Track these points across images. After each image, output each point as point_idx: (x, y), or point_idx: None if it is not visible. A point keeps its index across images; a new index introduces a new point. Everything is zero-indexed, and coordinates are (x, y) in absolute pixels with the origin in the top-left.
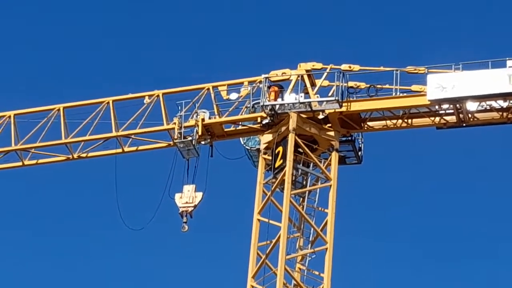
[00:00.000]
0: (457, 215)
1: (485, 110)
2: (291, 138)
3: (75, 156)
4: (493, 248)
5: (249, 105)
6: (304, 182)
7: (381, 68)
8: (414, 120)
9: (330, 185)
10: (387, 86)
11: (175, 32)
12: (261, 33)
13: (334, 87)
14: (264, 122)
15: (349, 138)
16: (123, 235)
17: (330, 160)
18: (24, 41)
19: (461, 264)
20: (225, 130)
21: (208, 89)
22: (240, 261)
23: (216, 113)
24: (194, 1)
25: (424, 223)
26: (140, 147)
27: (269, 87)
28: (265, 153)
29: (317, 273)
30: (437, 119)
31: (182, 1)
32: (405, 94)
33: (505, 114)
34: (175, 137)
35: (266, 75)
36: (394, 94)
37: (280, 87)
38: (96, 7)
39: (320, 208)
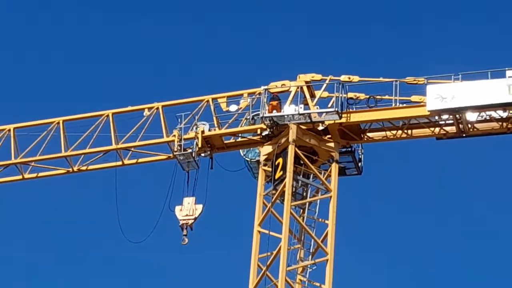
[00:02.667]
0: (458, 225)
1: (485, 121)
2: (291, 150)
3: (75, 169)
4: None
5: (248, 117)
6: (304, 194)
7: (381, 79)
8: (414, 130)
9: (330, 196)
10: (386, 97)
11: (174, 44)
12: (261, 45)
13: (334, 98)
14: (264, 133)
15: (349, 149)
16: (123, 248)
17: (330, 171)
18: (24, 54)
19: (462, 272)
20: (225, 142)
21: (208, 101)
22: (241, 273)
23: (215, 125)
24: (194, 14)
25: (425, 234)
26: (140, 160)
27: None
28: (265, 165)
29: (318, 284)
30: (437, 129)
31: (181, 14)
32: (404, 105)
33: (505, 124)
34: (175, 149)
35: (266, 87)
36: (393, 104)
37: (278, 99)
38: (94, 19)
39: (320, 219)
